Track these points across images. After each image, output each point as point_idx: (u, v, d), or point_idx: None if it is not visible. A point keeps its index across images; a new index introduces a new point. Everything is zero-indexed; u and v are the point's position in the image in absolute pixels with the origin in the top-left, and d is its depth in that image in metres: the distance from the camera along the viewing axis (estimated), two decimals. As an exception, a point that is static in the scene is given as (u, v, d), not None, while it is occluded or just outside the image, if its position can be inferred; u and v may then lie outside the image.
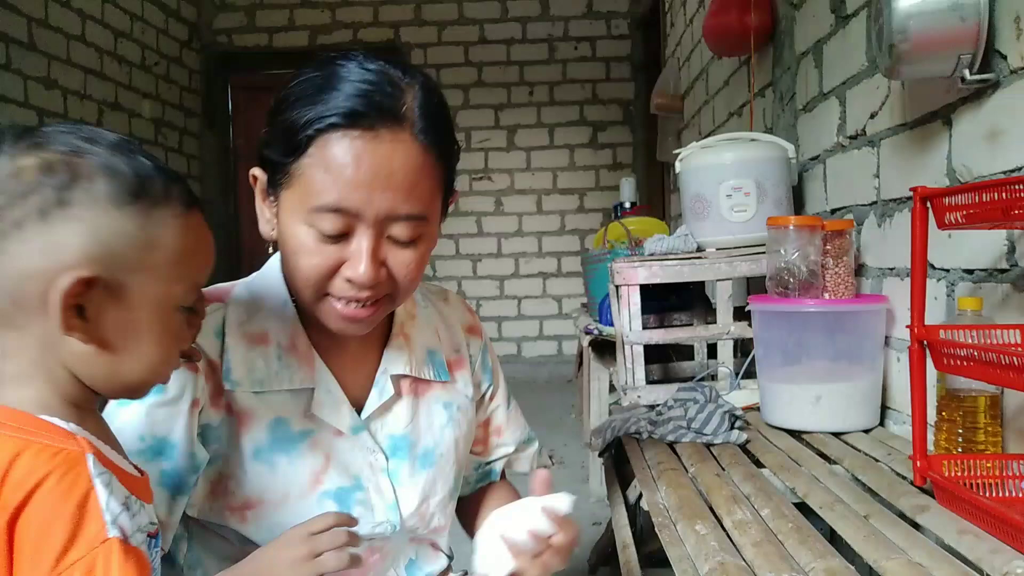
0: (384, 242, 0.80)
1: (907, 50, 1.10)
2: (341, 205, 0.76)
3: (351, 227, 0.78)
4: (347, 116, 0.76)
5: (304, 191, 0.78)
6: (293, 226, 0.80)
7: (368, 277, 0.78)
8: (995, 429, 1.05)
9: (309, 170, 0.77)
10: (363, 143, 0.76)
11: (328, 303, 0.82)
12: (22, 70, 3.67)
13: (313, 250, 0.79)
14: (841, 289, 1.43)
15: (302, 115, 0.77)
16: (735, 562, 0.87)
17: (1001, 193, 0.82)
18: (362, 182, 0.76)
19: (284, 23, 5.40)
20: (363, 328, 0.85)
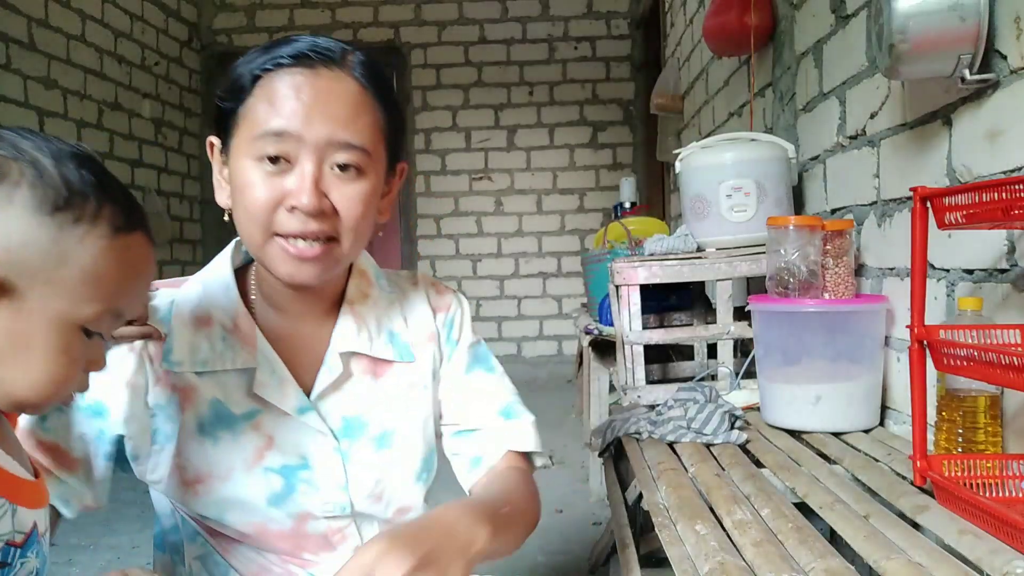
0: (326, 173, 0.82)
1: (907, 50, 1.10)
2: (282, 128, 0.80)
3: (293, 155, 0.81)
4: (290, 57, 0.82)
5: (250, 126, 0.82)
6: (240, 166, 0.83)
7: (311, 202, 0.80)
8: (995, 429, 1.05)
9: (254, 107, 0.82)
10: (303, 77, 0.82)
11: (275, 245, 0.83)
12: (22, 70, 3.67)
13: (258, 184, 0.81)
14: (841, 289, 1.43)
15: (249, 64, 0.83)
16: (735, 562, 0.87)
17: (1001, 193, 0.82)
18: (302, 108, 0.81)
19: (284, 23, 5.40)
20: (311, 273, 0.84)
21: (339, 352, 0.92)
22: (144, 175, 4.68)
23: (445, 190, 5.37)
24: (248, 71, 0.83)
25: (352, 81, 0.84)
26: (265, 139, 0.81)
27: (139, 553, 2.21)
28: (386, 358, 0.95)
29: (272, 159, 0.81)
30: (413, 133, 5.38)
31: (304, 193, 0.80)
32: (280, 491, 0.89)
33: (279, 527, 0.89)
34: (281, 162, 0.81)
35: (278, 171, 0.81)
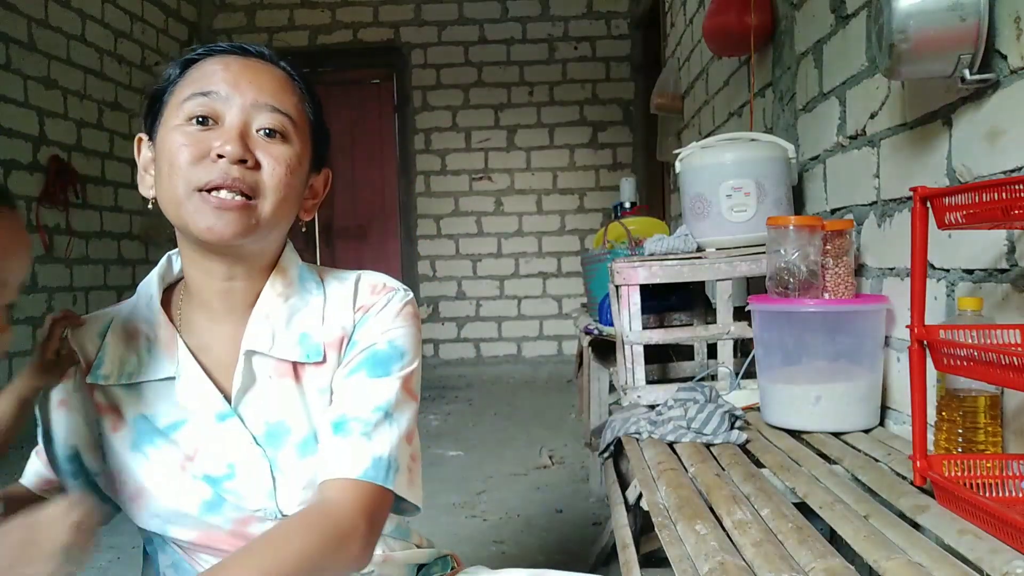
0: (253, 135, 0.84)
1: (907, 50, 1.10)
2: (211, 88, 0.84)
3: (220, 114, 0.84)
4: (222, 47, 0.89)
5: (178, 96, 0.85)
6: (167, 133, 0.84)
7: (235, 149, 0.81)
8: (995, 429, 1.05)
9: (183, 85, 0.86)
10: (232, 58, 0.87)
11: (196, 199, 0.82)
12: (22, 70, 3.67)
13: (183, 140, 0.83)
14: (841, 289, 1.44)
15: (177, 60, 0.89)
16: (735, 562, 0.87)
17: (1001, 193, 0.82)
18: (231, 76, 0.85)
19: (284, 23, 5.40)
20: (230, 226, 0.82)
21: (243, 352, 0.89)
22: (144, 175, 4.67)
23: (445, 190, 5.37)
24: (178, 62, 0.88)
25: (279, 69, 0.89)
26: (192, 100, 0.83)
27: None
28: (289, 359, 0.89)
29: (200, 120, 0.83)
30: (413, 133, 5.39)
31: (229, 142, 0.82)
32: (211, 499, 0.87)
33: (221, 532, 0.88)
34: (208, 121, 0.83)
35: (205, 129, 0.83)
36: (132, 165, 4.24)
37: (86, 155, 4.15)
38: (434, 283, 5.36)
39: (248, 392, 0.89)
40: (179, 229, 0.87)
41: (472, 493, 2.70)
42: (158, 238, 4.70)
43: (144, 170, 0.90)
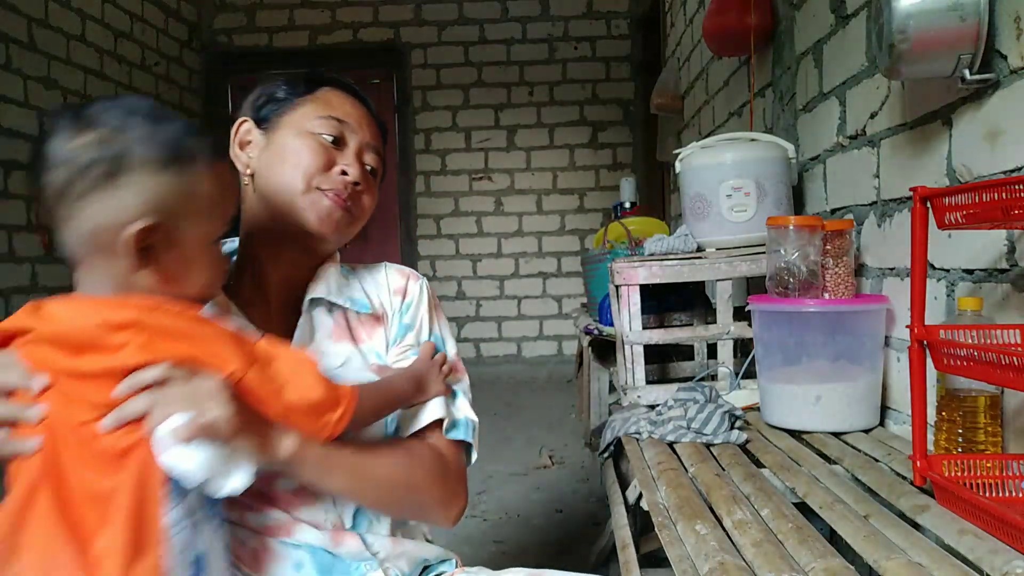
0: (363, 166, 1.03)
1: (907, 50, 1.10)
2: (343, 117, 1.02)
3: (345, 140, 1.02)
4: (344, 84, 1.07)
5: (313, 109, 1.02)
6: (299, 134, 1.00)
7: (357, 172, 1.01)
8: (995, 429, 1.05)
9: (315, 101, 1.03)
10: (354, 102, 1.06)
11: (315, 195, 0.99)
12: (22, 70, 3.67)
13: (316, 149, 0.99)
14: (841, 289, 1.43)
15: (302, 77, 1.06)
16: (735, 562, 0.87)
17: (1001, 193, 0.82)
18: (353, 116, 1.04)
19: (284, 23, 5.40)
20: (341, 219, 1.00)
21: (307, 300, 1.01)
22: (144, 175, 4.67)
23: (445, 190, 5.37)
24: (305, 79, 1.05)
25: (375, 119, 1.09)
26: (329, 121, 1.01)
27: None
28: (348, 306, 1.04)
29: (331, 138, 1.01)
30: (413, 133, 5.38)
31: (355, 165, 1.01)
32: None
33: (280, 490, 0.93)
34: (338, 143, 1.01)
35: (333, 146, 1.01)
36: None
37: (86, 155, 4.15)
38: (434, 283, 5.36)
39: (307, 347, 0.99)
40: (280, 214, 0.98)
41: (472, 493, 2.69)
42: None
43: (240, 150, 1.04)
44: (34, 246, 3.74)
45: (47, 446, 0.72)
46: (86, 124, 0.76)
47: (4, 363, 0.76)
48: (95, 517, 0.69)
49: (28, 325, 0.77)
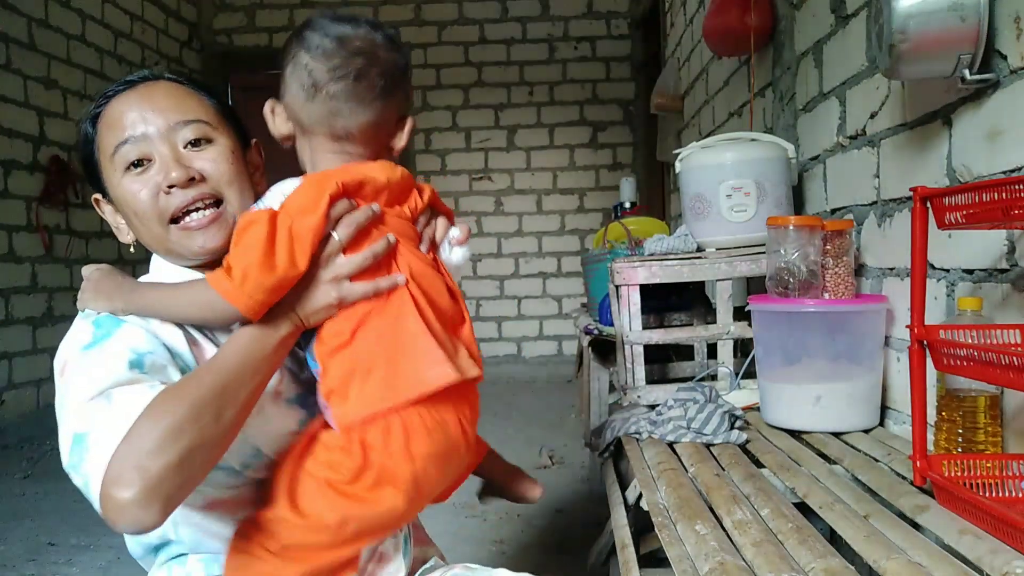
0: (183, 153, 0.92)
1: (907, 50, 1.10)
2: (128, 134, 0.91)
3: (149, 152, 0.91)
4: (113, 89, 0.95)
5: (106, 152, 0.92)
6: (117, 186, 0.93)
7: (178, 174, 0.90)
8: (995, 429, 1.05)
9: (102, 138, 0.93)
10: (127, 95, 0.94)
11: (174, 231, 0.92)
12: (22, 70, 3.67)
13: (135, 187, 0.91)
14: (841, 289, 1.43)
15: (85, 118, 0.95)
16: (735, 562, 0.87)
17: (1001, 193, 0.82)
18: (136, 113, 0.92)
19: (284, 23, 5.40)
20: (215, 238, 0.92)
21: None
22: (144, 175, 4.68)
23: (445, 190, 5.36)
24: (86, 119, 0.95)
25: (167, 82, 0.96)
26: (119, 151, 0.91)
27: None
28: None
29: (136, 164, 0.91)
30: (413, 133, 5.38)
31: (171, 170, 0.90)
32: (303, 417, 0.94)
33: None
34: (143, 162, 0.91)
35: (144, 170, 0.91)
36: (132, 165, 4.13)
37: (86, 155, 4.16)
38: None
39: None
40: (172, 260, 0.96)
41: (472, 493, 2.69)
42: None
43: (115, 223, 0.99)
44: (34, 246, 3.74)
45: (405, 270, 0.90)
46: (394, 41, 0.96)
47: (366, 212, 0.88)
48: (455, 312, 0.94)
49: (359, 178, 0.90)
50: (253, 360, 0.83)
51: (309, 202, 0.85)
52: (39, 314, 3.75)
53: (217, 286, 0.81)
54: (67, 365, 0.83)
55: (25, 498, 2.78)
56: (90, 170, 0.96)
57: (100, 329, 0.85)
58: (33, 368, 3.69)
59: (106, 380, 0.79)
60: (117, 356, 0.82)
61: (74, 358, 0.83)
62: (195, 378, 0.80)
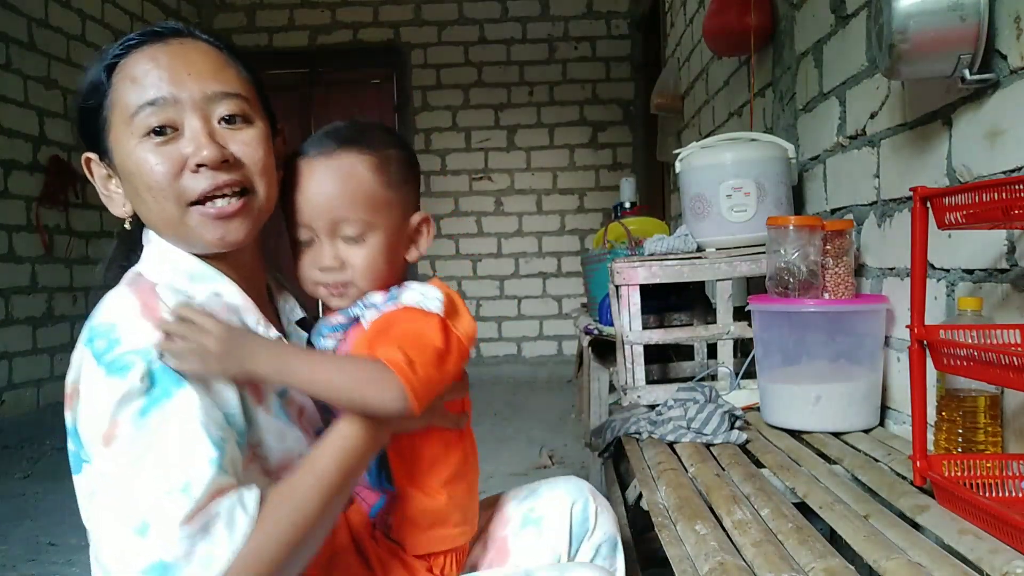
0: (216, 129, 0.82)
1: (907, 50, 1.10)
2: (154, 95, 0.79)
3: (176, 120, 0.80)
4: (137, 37, 0.82)
5: (122, 111, 0.80)
6: (129, 153, 0.80)
7: (213, 153, 0.79)
8: (995, 429, 1.05)
9: (119, 93, 0.81)
10: (155, 49, 0.81)
11: (194, 214, 0.81)
12: (22, 70, 3.67)
13: (153, 160, 0.79)
14: (841, 289, 1.43)
15: (98, 62, 0.83)
16: (735, 562, 0.87)
17: (1001, 193, 0.82)
18: (167, 72, 0.80)
19: (284, 23, 5.40)
20: (240, 230, 0.83)
21: (294, 322, 0.98)
22: (144, 175, 4.68)
23: (445, 190, 5.36)
24: (99, 67, 0.82)
25: (204, 43, 0.85)
26: (142, 113, 0.79)
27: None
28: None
29: (158, 131, 0.80)
30: (413, 133, 5.38)
31: (203, 147, 0.79)
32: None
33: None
34: (168, 131, 0.80)
35: (167, 140, 0.80)
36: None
37: (86, 155, 4.15)
38: (434, 283, 5.35)
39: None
40: (181, 245, 0.85)
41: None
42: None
43: (105, 188, 0.87)
44: (34, 246, 3.74)
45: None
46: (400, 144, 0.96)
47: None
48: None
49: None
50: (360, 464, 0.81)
51: (467, 325, 0.90)
52: (39, 314, 3.75)
53: (401, 372, 0.77)
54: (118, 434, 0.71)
55: (25, 498, 2.78)
56: (90, 124, 0.84)
57: (156, 388, 0.73)
58: (33, 368, 3.69)
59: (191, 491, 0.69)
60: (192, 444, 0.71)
61: (127, 428, 0.71)
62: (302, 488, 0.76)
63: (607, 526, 1.08)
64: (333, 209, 0.87)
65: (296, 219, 0.89)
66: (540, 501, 1.07)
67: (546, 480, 1.11)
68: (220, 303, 0.86)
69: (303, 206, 0.88)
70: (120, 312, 0.78)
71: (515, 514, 1.06)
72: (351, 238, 0.88)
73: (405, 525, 0.91)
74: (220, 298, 0.86)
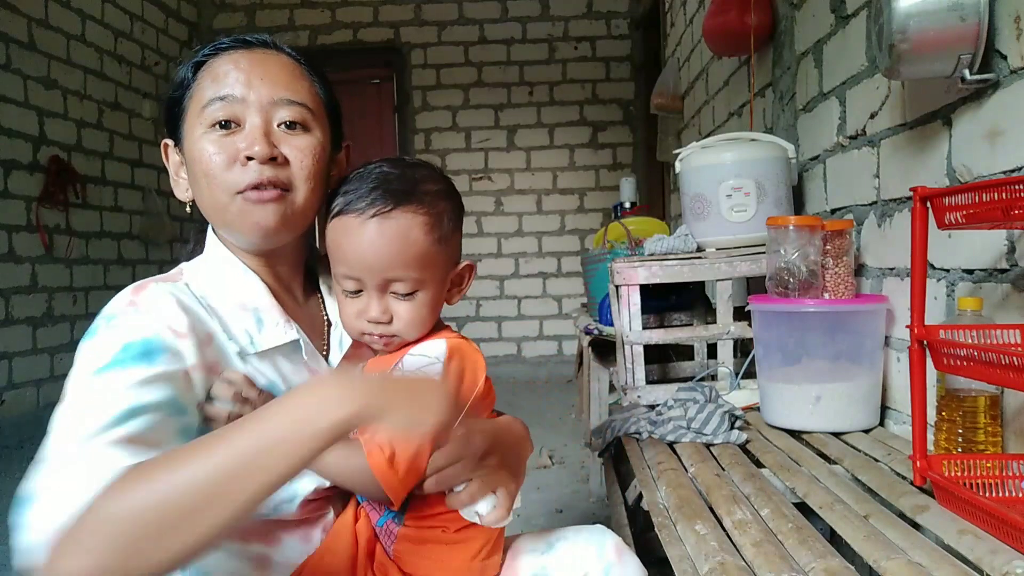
0: (275, 131, 0.88)
1: (907, 50, 1.10)
2: (226, 92, 0.87)
3: (240, 117, 0.87)
4: (227, 43, 0.91)
5: (197, 103, 0.88)
6: (195, 142, 0.88)
7: (263, 149, 0.85)
8: (995, 429, 1.05)
9: (199, 88, 0.89)
10: (239, 54, 0.90)
11: (238, 202, 0.87)
12: (22, 70, 3.67)
13: (213, 148, 0.87)
14: (841, 289, 1.43)
15: (189, 60, 0.91)
16: (735, 562, 0.87)
17: (1001, 193, 0.82)
18: (243, 75, 0.88)
19: (284, 23, 5.40)
20: (273, 217, 0.87)
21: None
22: (144, 175, 4.68)
23: (445, 190, 5.36)
24: (188, 63, 0.91)
25: (286, 56, 0.92)
26: (212, 106, 0.87)
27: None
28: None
29: (222, 124, 0.87)
30: (413, 133, 5.39)
31: (256, 142, 0.86)
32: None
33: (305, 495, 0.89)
34: (231, 125, 0.87)
35: (228, 133, 0.87)
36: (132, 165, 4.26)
37: (86, 155, 4.15)
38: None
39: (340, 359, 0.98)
40: (226, 233, 0.92)
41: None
42: (158, 238, 4.69)
43: (176, 174, 0.95)
44: (34, 246, 3.74)
45: None
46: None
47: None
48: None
49: None
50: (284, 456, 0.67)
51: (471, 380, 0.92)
52: (39, 314, 3.75)
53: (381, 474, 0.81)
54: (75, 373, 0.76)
55: (25, 498, 2.78)
56: (173, 115, 0.91)
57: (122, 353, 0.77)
58: (33, 368, 3.69)
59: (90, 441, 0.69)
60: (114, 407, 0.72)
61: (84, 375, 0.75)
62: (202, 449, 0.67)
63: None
64: (387, 269, 0.90)
65: (345, 270, 0.91)
66: (554, 558, 0.98)
67: (567, 530, 1.01)
68: (238, 301, 0.90)
69: (355, 260, 0.90)
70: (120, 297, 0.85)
71: (526, 569, 0.99)
72: (401, 295, 0.91)
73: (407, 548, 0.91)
74: (237, 298, 0.91)
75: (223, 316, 0.88)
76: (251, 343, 0.88)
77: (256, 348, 0.88)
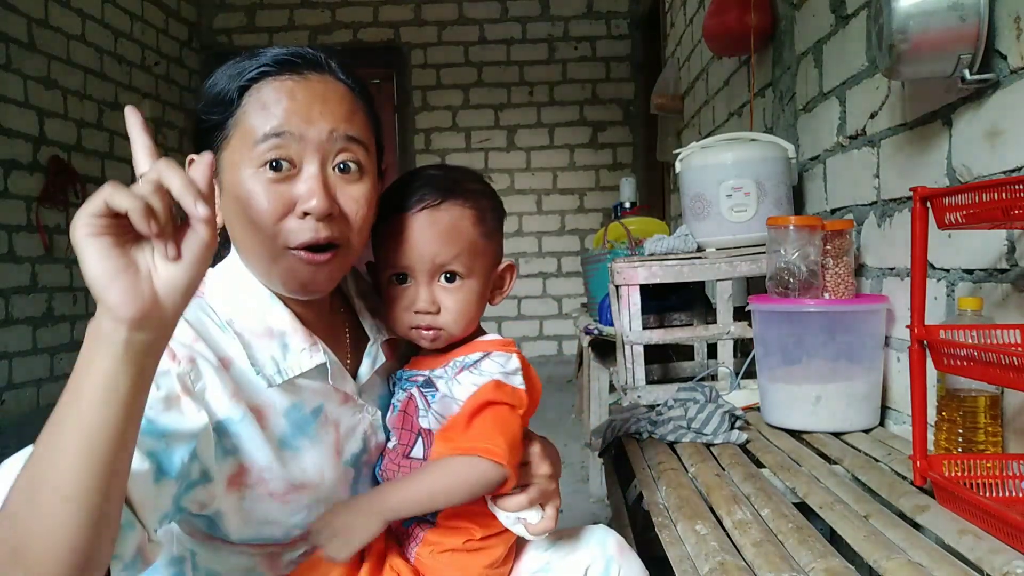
0: (330, 176, 0.82)
1: (907, 50, 1.10)
2: (284, 128, 0.79)
3: (296, 157, 0.80)
4: (276, 64, 0.81)
5: (244, 134, 0.80)
6: (239, 177, 0.80)
7: (323, 205, 0.79)
8: (995, 429, 1.05)
9: (246, 116, 0.80)
10: (293, 83, 0.81)
11: (287, 258, 0.81)
12: (22, 70, 3.66)
13: (262, 193, 0.79)
14: (841, 289, 1.43)
15: (231, 78, 0.82)
16: (735, 562, 0.87)
17: (1001, 193, 0.82)
18: (299, 108, 0.80)
19: (284, 23, 5.40)
20: (324, 281, 0.84)
21: (378, 340, 0.96)
22: (144, 175, 4.67)
23: (445, 190, 5.36)
24: (233, 84, 0.82)
25: (341, 83, 0.85)
26: (265, 143, 0.79)
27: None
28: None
29: (274, 165, 0.79)
30: (413, 133, 5.38)
31: (315, 196, 0.79)
32: (354, 478, 0.92)
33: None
34: (284, 167, 0.79)
35: (282, 177, 0.79)
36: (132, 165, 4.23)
37: (86, 155, 4.15)
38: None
39: (370, 374, 0.95)
40: (266, 282, 0.86)
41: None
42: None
43: None
44: (34, 246, 3.74)
45: None
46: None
47: None
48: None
49: None
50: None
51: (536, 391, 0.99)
52: (39, 314, 3.74)
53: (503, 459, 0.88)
54: None
55: (25, 498, 2.77)
56: (207, 131, 0.83)
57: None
58: (33, 368, 3.69)
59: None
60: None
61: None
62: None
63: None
64: (437, 255, 0.90)
65: (393, 262, 0.91)
66: (557, 555, 1.01)
67: (569, 529, 1.05)
68: (262, 327, 0.85)
69: (406, 251, 0.90)
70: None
71: (529, 564, 1.01)
72: (450, 281, 0.92)
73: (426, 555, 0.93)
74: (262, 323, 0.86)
75: (248, 341, 0.83)
76: (277, 372, 0.84)
77: (284, 377, 0.84)
